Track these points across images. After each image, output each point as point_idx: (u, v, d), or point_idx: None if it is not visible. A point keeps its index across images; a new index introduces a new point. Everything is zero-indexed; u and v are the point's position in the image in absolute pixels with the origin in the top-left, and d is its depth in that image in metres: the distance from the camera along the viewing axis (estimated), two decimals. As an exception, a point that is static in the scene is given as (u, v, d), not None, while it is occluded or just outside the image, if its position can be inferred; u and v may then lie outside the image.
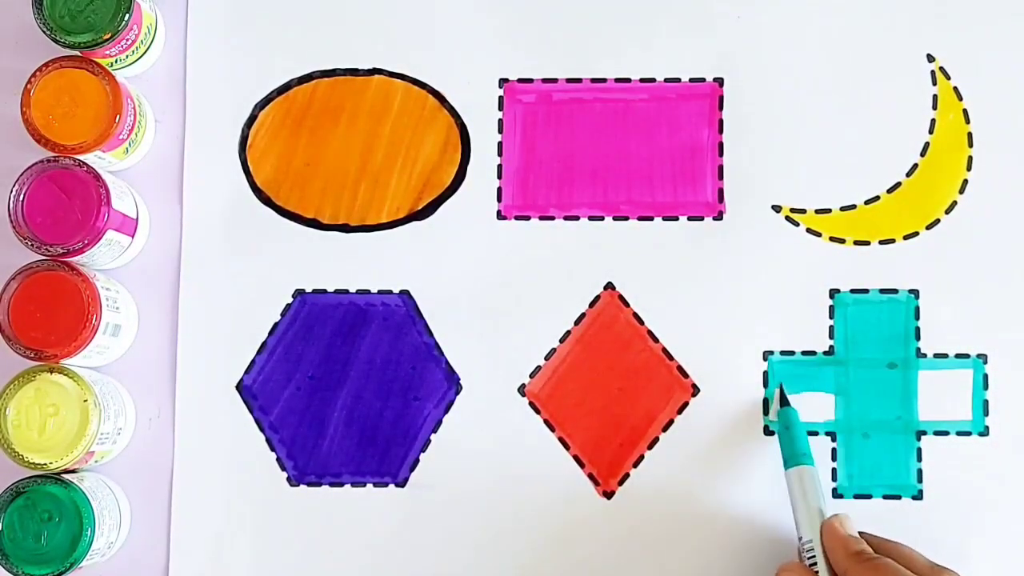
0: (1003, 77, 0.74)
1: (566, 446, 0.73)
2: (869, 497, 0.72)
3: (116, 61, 0.72)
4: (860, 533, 0.67)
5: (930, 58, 0.74)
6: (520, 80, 0.74)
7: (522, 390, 0.73)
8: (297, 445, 0.73)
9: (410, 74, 0.75)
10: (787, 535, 0.71)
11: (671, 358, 0.73)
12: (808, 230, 0.73)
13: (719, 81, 0.74)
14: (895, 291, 0.73)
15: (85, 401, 0.68)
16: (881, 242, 0.73)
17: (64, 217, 0.69)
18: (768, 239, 0.73)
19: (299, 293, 0.74)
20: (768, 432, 0.72)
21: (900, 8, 0.74)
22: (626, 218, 0.74)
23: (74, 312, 0.69)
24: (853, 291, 0.73)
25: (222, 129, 0.74)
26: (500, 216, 0.74)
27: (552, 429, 0.73)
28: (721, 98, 0.74)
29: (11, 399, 0.68)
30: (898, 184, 0.73)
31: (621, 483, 0.72)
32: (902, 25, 0.74)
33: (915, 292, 0.73)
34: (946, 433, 0.72)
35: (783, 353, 0.73)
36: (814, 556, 0.67)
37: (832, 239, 0.73)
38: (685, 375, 0.73)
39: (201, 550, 0.72)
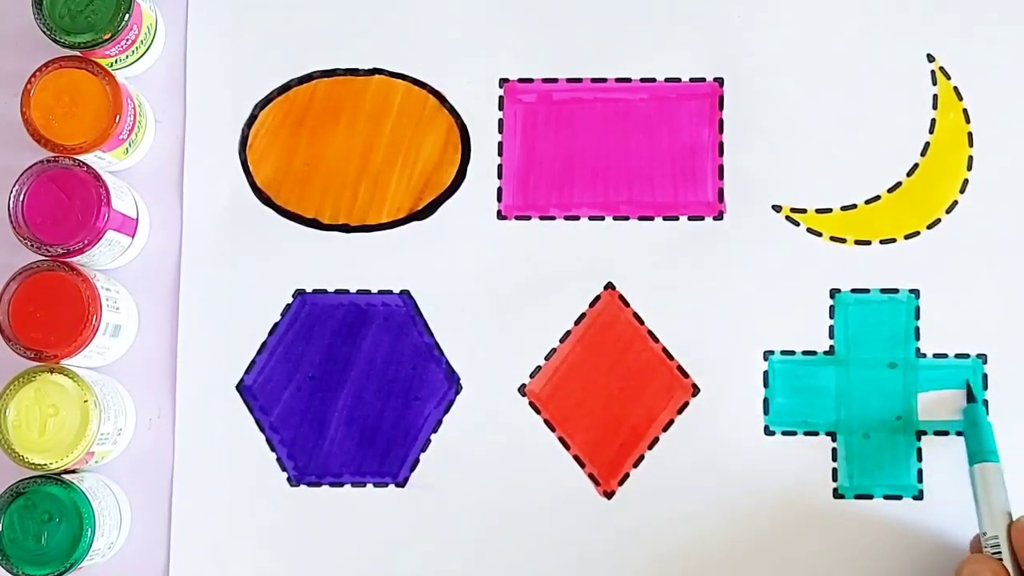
0: (1003, 77, 0.74)
1: (566, 446, 0.73)
2: (870, 497, 0.72)
3: (116, 61, 0.72)
4: None
5: (930, 58, 0.74)
6: (520, 80, 0.74)
7: (522, 390, 0.73)
8: (297, 445, 0.73)
9: (410, 74, 0.75)
10: (786, 535, 0.71)
11: (671, 358, 0.73)
12: (808, 230, 0.73)
13: (719, 81, 0.74)
14: (896, 291, 0.73)
15: (85, 401, 0.68)
16: (882, 242, 0.73)
17: (64, 217, 0.69)
18: (768, 239, 0.73)
19: (299, 293, 0.74)
20: (768, 432, 0.72)
21: (900, 8, 0.74)
22: (626, 218, 0.74)
23: (74, 312, 0.69)
24: (854, 291, 0.73)
25: (222, 129, 0.74)
26: (500, 216, 0.74)
27: (552, 429, 0.73)
28: (721, 98, 0.74)
29: (11, 399, 0.68)
30: (899, 184, 0.73)
31: (621, 483, 0.72)
32: (902, 25, 0.74)
33: (916, 292, 0.73)
34: (946, 433, 0.72)
35: (783, 353, 0.73)
36: (999, 551, 0.67)
37: (833, 239, 0.73)
38: (685, 375, 0.73)
39: (201, 550, 0.72)
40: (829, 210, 0.73)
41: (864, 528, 0.71)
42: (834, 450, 0.72)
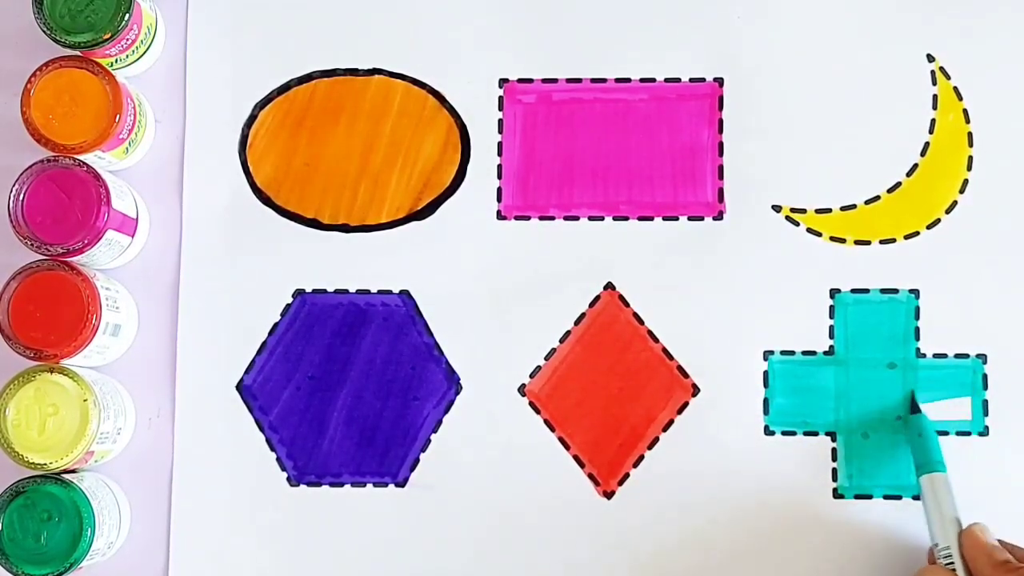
0: (1003, 77, 0.74)
1: (566, 446, 0.73)
2: (870, 497, 0.72)
3: (116, 61, 0.72)
4: (999, 542, 0.67)
5: (930, 58, 0.74)
6: (520, 80, 0.74)
7: (522, 390, 0.73)
8: (297, 445, 0.73)
9: (410, 74, 0.75)
10: (786, 535, 0.71)
11: (671, 358, 0.73)
12: (808, 230, 0.73)
13: (719, 81, 0.74)
14: (895, 291, 0.73)
15: (85, 401, 0.68)
16: (881, 242, 0.73)
17: (64, 217, 0.69)
18: (768, 239, 0.73)
19: (299, 293, 0.74)
20: (768, 432, 0.72)
21: (900, 8, 0.74)
22: (626, 218, 0.74)
23: (74, 312, 0.69)
24: (853, 291, 0.73)
25: (222, 129, 0.74)
26: (500, 216, 0.74)
27: (552, 429, 0.73)
28: (721, 98, 0.74)
29: (11, 399, 0.68)
30: (898, 184, 0.73)
31: (621, 483, 0.72)
32: (902, 25, 0.74)
33: (915, 292, 0.73)
34: (946, 433, 0.72)
35: (783, 353, 0.73)
36: (951, 562, 0.67)
37: (832, 239, 0.73)
38: (685, 375, 0.73)
39: (201, 550, 0.72)
40: (829, 210, 0.73)
41: (864, 528, 0.71)
42: (834, 450, 0.72)
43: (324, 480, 0.73)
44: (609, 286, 0.73)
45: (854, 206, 0.73)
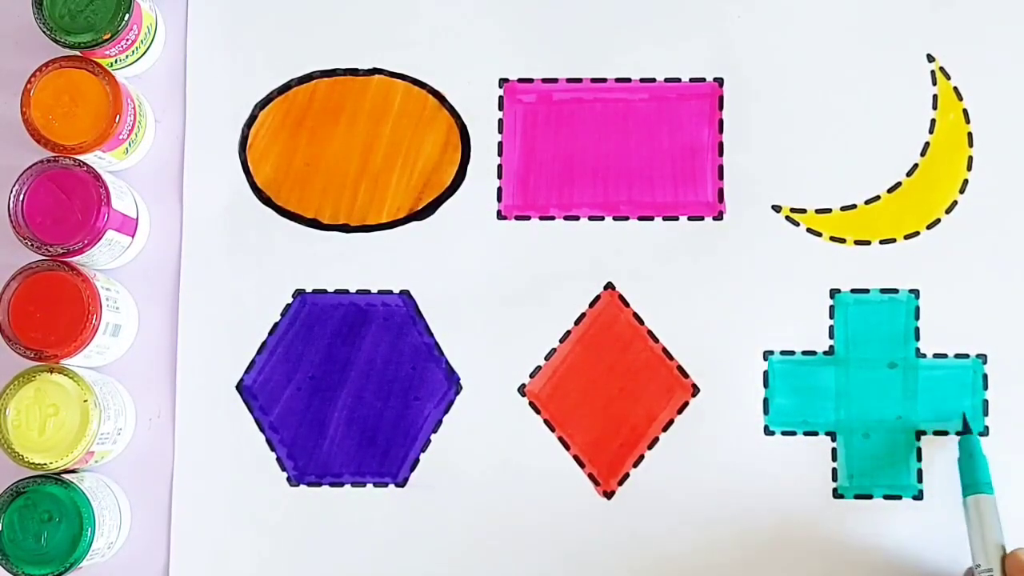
0: (1003, 77, 0.74)
1: (566, 446, 0.73)
2: (870, 497, 0.72)
3: (116, 61, 0.72)
4: None
5: (930, 58, 0.74)
6: (520, 80, 0.74)
7: (522, 390, 0.73)
8: (297, 445, 0.73)
9: (410, 74, 0.75)
10: (786, 535, 0.71)
11: (671, 358, 0.73)
12: (808, 230, 0.73)
13: (719, 81, 0.74)
14: (895, 291, 0.73)
15: (85, 401, 0.68)
16: (881, 242, 0.73)
17: (64, 217, 0.69)
18: (768, 239, 0.73)
19: (299, 293, 0.74)
20: (768, 432, 0.72)
21: (900, 8, 0.74)
22: (626, 218, 0.74)
23: (74, 312, 0.69)
24: (853, 291, 0.73)
25: (222, 129, 0.74)
26: (500, 216, 0.74)
27: (552, 429, 0.73)
28: (721, 98, 0.74)
29: (11, 399, 0.68)
30: (898, 184, 0.73)
31: (621, 483, 0.72)
32: (902, 25, 0.74)
33: (915, 292, 0.73)
34: (946, 433, 0.72)
35: (783, 353, 0.73)
36: None
37: (832, 239, 0.73)
38: (685, 375, 0.73)
39: (201, 550, 0.72)
40: (829, 210, 0.73)
41: (864, 528, 0.71)
42: (834, 450, 0.72)
43: (324, 480, 0.73)
44: (609, 286, 0.73)
45: (854, 206, 0.73)
